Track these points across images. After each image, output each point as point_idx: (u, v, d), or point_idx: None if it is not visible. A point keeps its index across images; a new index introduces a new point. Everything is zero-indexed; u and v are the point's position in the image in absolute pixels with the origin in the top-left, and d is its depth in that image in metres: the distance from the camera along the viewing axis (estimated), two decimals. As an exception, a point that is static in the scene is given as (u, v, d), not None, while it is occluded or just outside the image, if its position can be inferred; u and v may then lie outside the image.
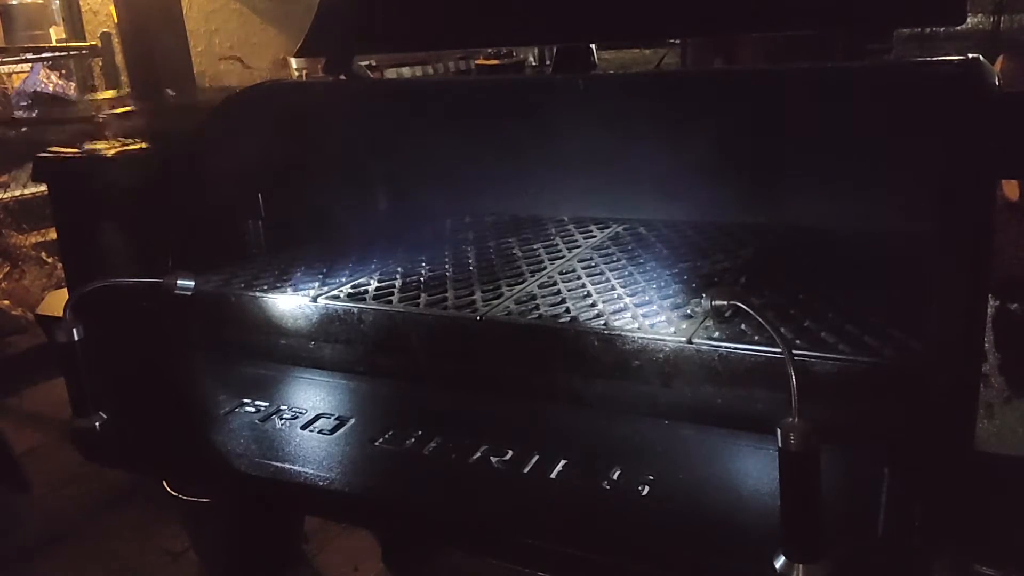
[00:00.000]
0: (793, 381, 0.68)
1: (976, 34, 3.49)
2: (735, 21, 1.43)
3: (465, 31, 1.63)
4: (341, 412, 1.07)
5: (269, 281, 1.29)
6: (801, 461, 0.68)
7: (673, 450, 0.93)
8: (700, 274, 1.20)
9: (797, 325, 0.98)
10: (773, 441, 0.69)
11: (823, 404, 0.84)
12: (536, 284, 1.20)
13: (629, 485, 0.86)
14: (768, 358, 0.90)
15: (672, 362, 0.96)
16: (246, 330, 1.24)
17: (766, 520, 0.73)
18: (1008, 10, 3.53)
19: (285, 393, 1.14)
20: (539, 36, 1.85)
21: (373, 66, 3.91)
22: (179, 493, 1.75)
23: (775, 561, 0.70)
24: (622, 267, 1.25)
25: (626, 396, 1.00)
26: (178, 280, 1.12)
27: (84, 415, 1.07)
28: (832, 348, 0.90)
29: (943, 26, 2.52)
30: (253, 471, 0.97)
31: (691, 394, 0.96)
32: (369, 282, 1.24)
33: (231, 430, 1.05)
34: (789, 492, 0.69)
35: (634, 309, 1.06)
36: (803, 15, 1.32)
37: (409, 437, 0.99)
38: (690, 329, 0.97)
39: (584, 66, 1.63)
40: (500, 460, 0.93)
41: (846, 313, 0.99)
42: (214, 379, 1.23)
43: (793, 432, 0.67)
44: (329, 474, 0.93)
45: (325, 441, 1.00)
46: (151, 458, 1.15)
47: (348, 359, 1.18)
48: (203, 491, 1.65)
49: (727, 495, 0.84)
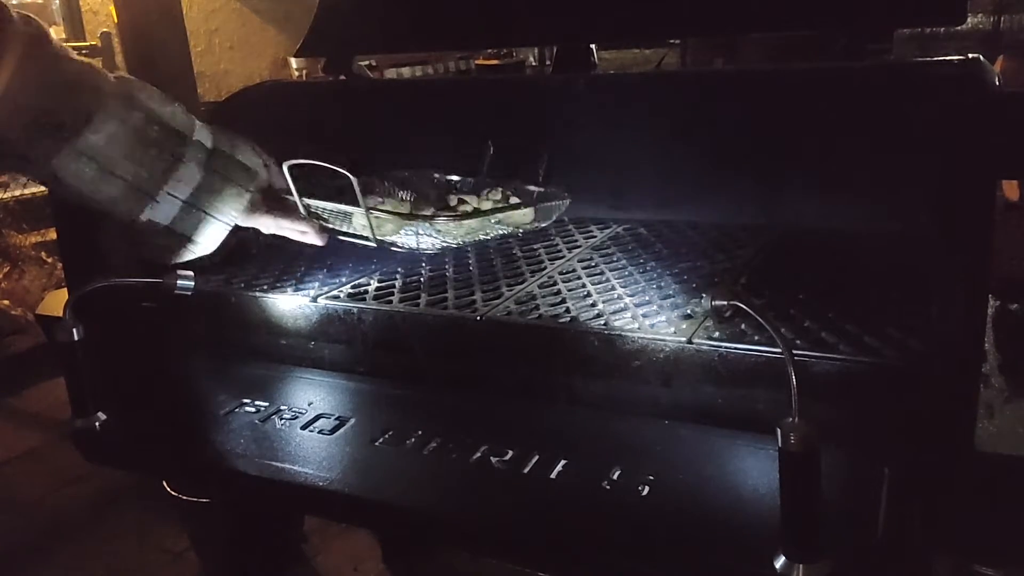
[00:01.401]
0: (793, 381, 0.68)
1: (976, 34, 3.50)
2: (735, 21, 1.43)
3: (465, 31, 1.64)
4: (341, 412, 1.07)
5: (269, 281, 1.29)
6: (801, 461, 0.68)
7: (673, 450, 0.93)
8: (700, 274, 1.19)
9: (797, 325, 0.98)
10: (773, 441, 0.68)
11: (823, 404, 0.84)
12: (536, 284, 1.20)
13: (629, 485, 0.86)
14: (768, 358, 0.90)
15: (672, 362, 0.96)
16: (246, 330, 1.24)
17: (766, 520, 0.73)
18: (1008, 10, 3.53)
19: (285, 393, 1.14)
20: (539, 36, 1.86)
21: (373, 66, 3.91)
22: (179, 493, 1.76)
23: (775, 561, 0.70)
24: (622, 267, 1.25)
25: (626, 396, 1.00)
26: (178, 280, 1.12)
27: (84, 415, 1.07)
28: (832, 348, 0.90)
29: (943, 26, 2.53)
30: (253, 471, 0.97)
31: (691, 394, 0.96)
32: (369, 282, 1.24)
33: (231, 430, 1.05)
34: (789, 492, 0.69)
35: (634, 309, 1.06)
36: (803, 15, 1.32)
37: (409, 437, 0.99)
38: (690, 329, 0.97)
39: (584, 66, 1.63)
40: (500, 460, 0.93)
41: (846, 313, 0.99)
42: (214, 379, 1.23)
43: (793, 432, 0.67)
44: (329, 474, 0.93)
45: (325, 441, 1.00)
46: (151, 458, 1.15)
47: (348, 359, 1.18)
48: (203, 491, 1.66)
49: (727, 495, 0.84)
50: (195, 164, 1.09)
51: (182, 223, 1.10)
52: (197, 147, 1.10)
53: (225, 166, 1.12)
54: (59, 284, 3.29)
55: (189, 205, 1.10)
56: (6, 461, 2.73)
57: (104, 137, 1.03)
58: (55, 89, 1.01)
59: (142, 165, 1.06)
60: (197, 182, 1.10)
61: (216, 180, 1.11)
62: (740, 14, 1.36)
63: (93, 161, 1.03)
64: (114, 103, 1.04)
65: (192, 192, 1.10)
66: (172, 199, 1.08)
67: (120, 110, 1.04)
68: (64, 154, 1.01)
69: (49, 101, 1.00)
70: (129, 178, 1.05)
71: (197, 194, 1.10)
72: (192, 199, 1.10)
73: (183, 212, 1.10)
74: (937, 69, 1.21)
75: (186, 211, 1.10)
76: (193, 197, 1.10)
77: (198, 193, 1.10)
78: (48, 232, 3.55)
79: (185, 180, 1.09)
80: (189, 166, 1.09)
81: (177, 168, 1.08)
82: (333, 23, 1.65)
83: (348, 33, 1.68)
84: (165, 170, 1.07)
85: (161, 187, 1.07)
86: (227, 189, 1.12)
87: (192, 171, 1.09)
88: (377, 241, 1.16)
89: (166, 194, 1.08)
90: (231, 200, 1.13)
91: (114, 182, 1.05)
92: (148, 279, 1.12)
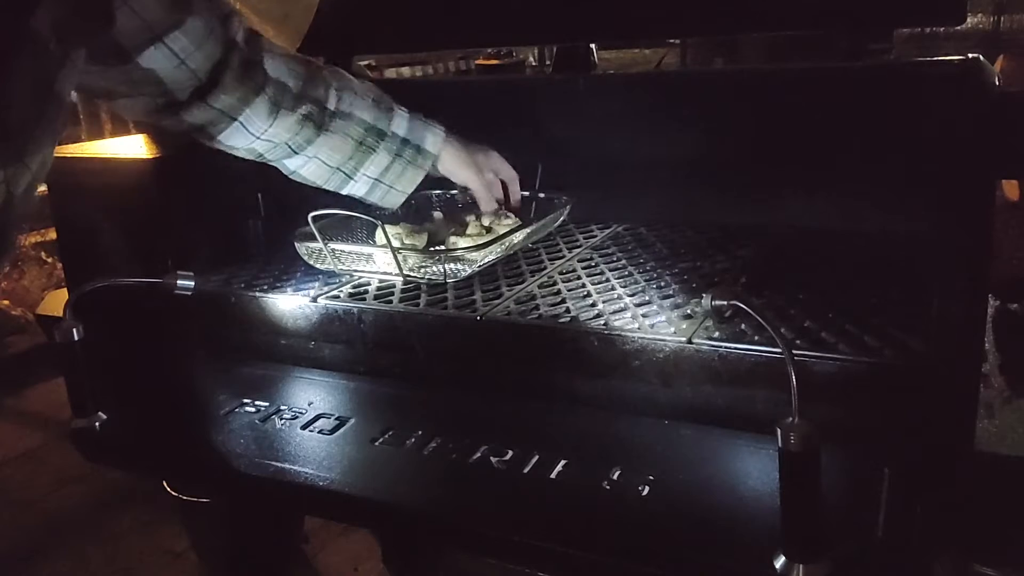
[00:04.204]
0: (793, 381, 0.68)
1: (976, 34, 3.50)
2: (735, 21, 1.43)
3: (465, 31, 1.64)
4: (341, 412, 1.07)
5: (269, 281, 1.29)
6: (801, 461, 0.68)
7: (673, 450, 0.93)
8: (700, 274, 1.20)
9: (797, 325, 0.98)
10: (773, 441, 0.68)
11: (823, 404, 0.84)
12: (536, 284, 1.20)
13: (629, 485, 0.86)
14: (768, 358, 0.90)
15: (672, 362, 0.96)
16: (246, 330, 1.24)
17: (766, 520, 0.73)
18: (1008, 10, 3.53)
19: (285, 393, 1.14)
20: (539, 36, 1.86)
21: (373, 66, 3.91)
22: (179, 493, 1.76)
23: (775, 561, 0.70)
24: (622, 267, 1.25)
25: (626, 396, 1.00)
26: (178, 280, 1.12)
27: (84, 415, 1.07)
28: (832, 348, 0.90)
29: (943, 26, 2.53)
30: (253, 471, 0.97)
31: (691, 394, 0.96)
32: (369, 282, 1.24)
33: (231, 430, 1.05)
34: (789, 492, 0.69)
35: (634, 309, 1.06)
36: (803, 15, 1.32)
37: (409, 437, 0.99)
38: (690, 329, 0.97)
39: (584, 66, 1.63)
40: (500, 460, 0.93)
41: (846, 313, 0.99)
42: (214, 379, 1.23)
43: (793, 432, 0.67)
44: (329, 474, 0.93)
45: (325, 441, 1.00)
46: (151, 458, 1.15)
47: (348, 359, 1.18)
48: (203, 491, 1.66)
49: (727, 495, 0.84)
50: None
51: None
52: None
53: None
54: (59, 284, 3.29)
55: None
56: (6, 461, 2.72)
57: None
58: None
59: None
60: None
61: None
62: (740, 14, 1.36)
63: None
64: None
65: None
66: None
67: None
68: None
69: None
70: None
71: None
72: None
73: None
74: (937, 69, 1.21)
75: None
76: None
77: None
78: (48, 232, 3.55)
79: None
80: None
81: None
82: (333, 23, 1.65)
83: (348, 33, 1.68)
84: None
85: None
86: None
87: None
88: (405, 276, 1.19)
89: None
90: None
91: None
92: (148, 279, 1.13)
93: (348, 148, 1.17)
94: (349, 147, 1.17)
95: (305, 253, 1.26)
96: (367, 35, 1.69)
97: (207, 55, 1.02)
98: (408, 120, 1.21)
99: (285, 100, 1.10)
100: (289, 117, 1.11)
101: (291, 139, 1.13)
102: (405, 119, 1.21)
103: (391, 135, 1.19)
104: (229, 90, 1.05)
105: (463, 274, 1.21)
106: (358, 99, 1.18)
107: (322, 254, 1.23)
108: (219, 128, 1.08)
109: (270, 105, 1.09)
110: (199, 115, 1.06)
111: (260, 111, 1.08)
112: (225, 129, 1.08)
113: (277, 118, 1.10)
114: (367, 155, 1.18)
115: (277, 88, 1.10)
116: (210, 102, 1.05)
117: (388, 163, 1.20)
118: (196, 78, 1.02)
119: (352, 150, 1.17)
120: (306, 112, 1.12)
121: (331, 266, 1.24)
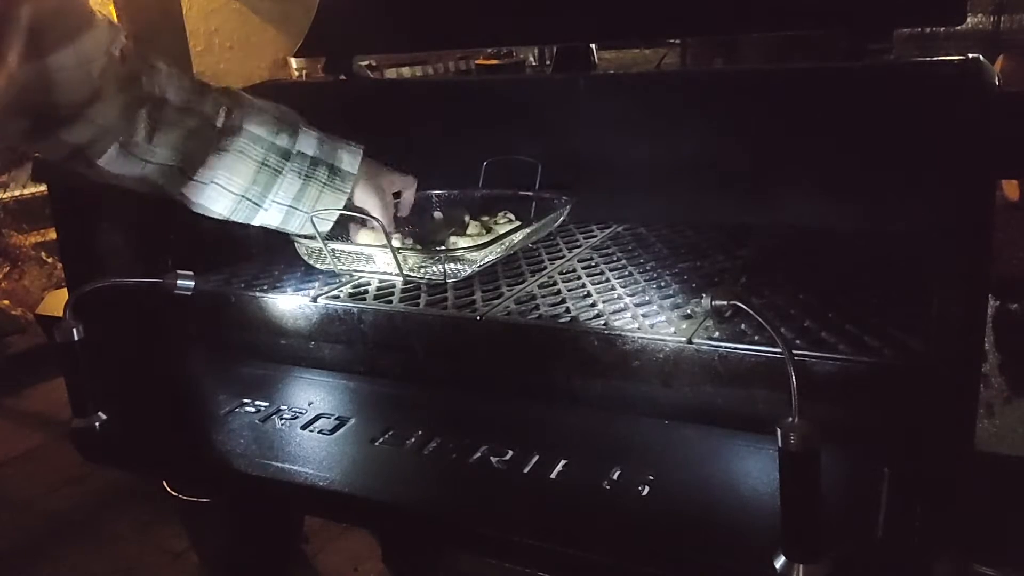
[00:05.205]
0: (793, 381, 0.68)
1: (976, 34, 3.49)
2: (735, 21, 1.43)
3: (465, 31, 1.64)
4: (341, 412, 1.07)
5: (269, 281, 1.29)
6: (801, 461, 0.68)
7: (673, 450, 0.93)
8: (700, 274, 1.20)
9: (797, 325, 0.98)
10: (773, 441, 0.68)
11: (823, 404, 0.84)
12: (536, 284, 1.20)
13: (629, 485, 0.86)
14: (768, 358, 0.90)
15: (672, 362, 0.96)
16: (246, 330, 1.25)
17: (766, 520, 0.73)
18: (1008, 10, 3.53)
19: (285, 393, 1.14)
20: (539, 36, 1.86)
21: (373, 66, 3.91)
22: (179, 493, 1.76)
23: (775, 561, 0.70)
24: (622, 267, 1.25)
25: (626, 396, 1.00)
26: (178, 280, 1.12)
27: (84, 415, 1.07)
28: (832, 348, 0.90)
29: (943, 26, 2.53)
30: (253, 471, 0.97)
31: (691, 394, 0.96)
32: (369, 282, 1.24)
33: (231, 430, 1.05)
34: (789, 492, 0.69)
35: (634, 309, 1.06)
36: (803, 15, 1.32)
37: (409, 437, 0.99)
38: (690, 329, 0.97)
39: (584, 66, 1.63)
40: (500, 460, 0.93)
41: (846, 313, 0.99)
42: (214, 379, 1.23)
43: (793, 432, 0.67)
44: (329, 474, 0.93)
45: (325, 441, 1.00)
46: (151, 458, 1.15)
47: (348, 359, 1.18)
48: (203, 491, 1.66)
49: (727, 495, 0.84)
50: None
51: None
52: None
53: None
54: (59, 284, 3.29)
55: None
56: (6, 461, 2.72)
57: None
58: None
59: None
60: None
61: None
62: (740, 14, 1.36)
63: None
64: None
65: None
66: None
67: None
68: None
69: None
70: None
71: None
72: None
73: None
74: (937, 69, 1.21)
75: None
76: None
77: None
78: (48, 232, 3.55)
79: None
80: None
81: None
82: (333, 23, 1.65)
83: (348, 33, 1.68)
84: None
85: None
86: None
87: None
88: (405, 276, 1.19)
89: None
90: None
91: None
92: (148, 279, 1.12)
93: (248, 171, 1.06)
94: (250, 169, 1.06)
95: (305, 253, 1.26)
96: (367, 35, 1.69)
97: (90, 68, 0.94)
98: (317, 139, 1.12)
99: (165, 113, 1.01)
100: (172, 132, 1.02)
101: (180, 160, 1.03)
102: (314, 137, 1.11)
103: (297, 154, 1.09)
104: (109, 103, 0.97)
105: (463, 274, 1.21)
106: (254, 114, 1.08)
107: (322, 254, 1.23)
108: (99, 148, 1.00)
109: (148, 120, 1.00)
110: (79, 133, 0.97)
111: (139, 127, 1.00)
112: (106, 150, 1.00)
113: (157, 132, 1.01)
114: (273, 178, 1.08)
115: (155, 104, 1.01)
116: (91, 116, 0.97)
117: (299, 187, 1.10)
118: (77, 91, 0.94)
119: (254, 173, 1.06)
120: (193, 127, 1.03)
121: (331, 266, 1.24)
